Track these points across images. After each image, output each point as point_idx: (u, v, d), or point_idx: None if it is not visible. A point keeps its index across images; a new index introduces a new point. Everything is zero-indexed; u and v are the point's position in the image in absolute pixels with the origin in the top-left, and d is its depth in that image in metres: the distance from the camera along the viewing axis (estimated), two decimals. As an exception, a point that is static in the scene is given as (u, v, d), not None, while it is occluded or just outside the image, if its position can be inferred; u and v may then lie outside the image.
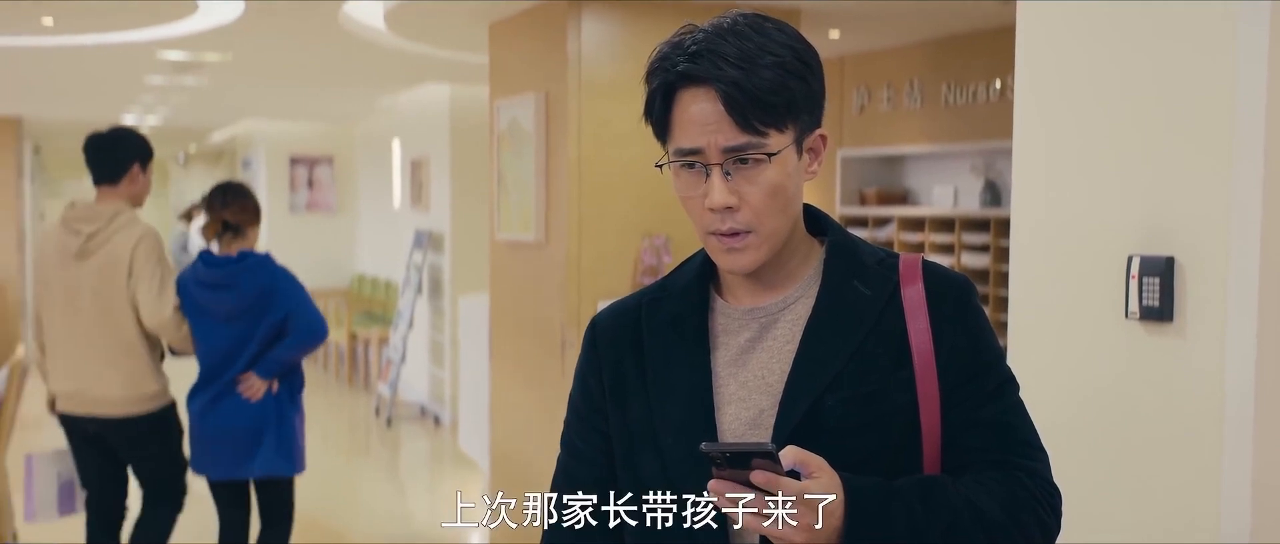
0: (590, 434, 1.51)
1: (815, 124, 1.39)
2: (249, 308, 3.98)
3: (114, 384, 3.96)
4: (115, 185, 4.01)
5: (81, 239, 3.91)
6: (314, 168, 12.81)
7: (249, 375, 4.00)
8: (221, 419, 4.03)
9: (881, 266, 1.43)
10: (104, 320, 3.93)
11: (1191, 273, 1.98)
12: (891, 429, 1.37)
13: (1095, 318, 2.15)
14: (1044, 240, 2.26)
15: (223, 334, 3.99)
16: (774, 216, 1.36)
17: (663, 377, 1.44)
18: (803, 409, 1.36)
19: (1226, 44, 1.92)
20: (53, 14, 6.03)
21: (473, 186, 8.46)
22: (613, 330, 1.51)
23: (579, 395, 1.54)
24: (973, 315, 1.43)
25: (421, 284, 9.03)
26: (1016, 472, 1.39)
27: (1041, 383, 2.25)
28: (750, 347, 1.42)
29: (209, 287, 3.98)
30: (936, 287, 1.41)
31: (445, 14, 5.72)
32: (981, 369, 1.41)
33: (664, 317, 1.47)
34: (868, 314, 1.39)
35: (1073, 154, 2.20)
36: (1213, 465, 1.94)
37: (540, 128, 5.17)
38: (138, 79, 8.70)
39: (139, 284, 3.91)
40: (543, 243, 5.24)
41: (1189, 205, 1.99)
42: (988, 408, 1.40)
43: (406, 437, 8.61)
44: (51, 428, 8.23)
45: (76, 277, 3.93)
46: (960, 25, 6.06)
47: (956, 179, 6.62)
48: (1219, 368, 1.93)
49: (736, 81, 1.31)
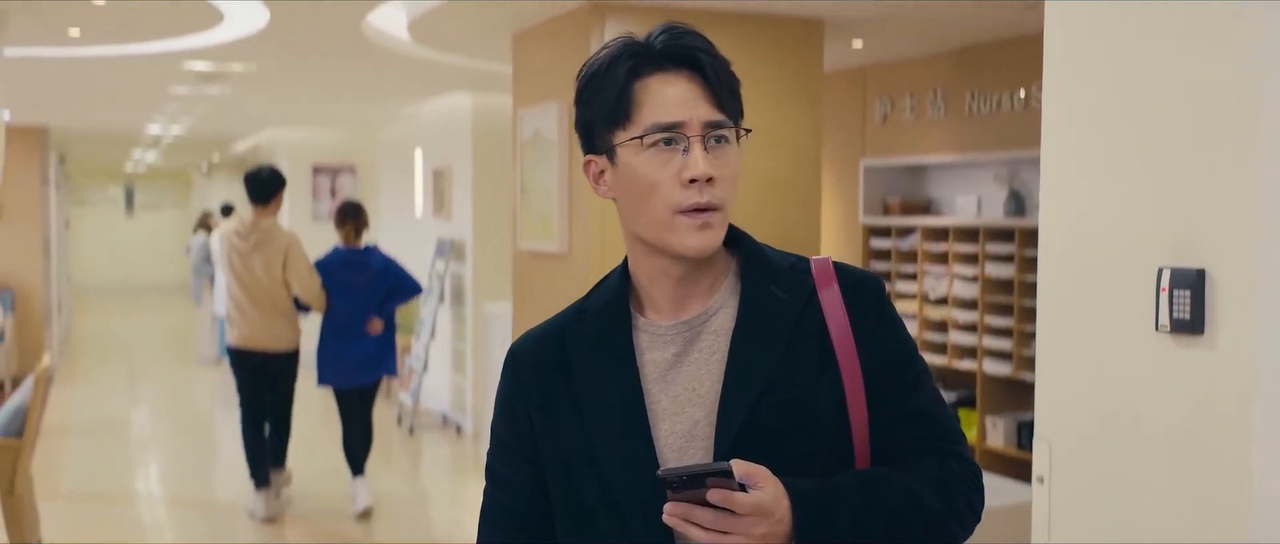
0: (518, 464, 1.50)
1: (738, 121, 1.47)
2: (372, 279, 6.40)
3: (274, 332, 6.25)
4: (267, 206, 6.21)
5: (251, 243, 6.15)
6: (336, 177, 12.86)
7: (374, 319, 6.43)
8: (357, 347, 6.41)
9: (794, 271, 1.46)
10: (270, 293, 6.20)
11: (1223, 285, 1.96)
12: (823, 429, 1.41)
13: (1125, 330, 2.12)
14: (1073, 251, 2.24)
15: (358, 295, 6.37)
16: (732, 201, 1.41)
17: (594, 397, 1.44)
18: (740, 418, 1.38)
19: (1258, 52, 1.89)
20: (80, 25, 6.07)
21: (495, 195, 8.47)
22: (535, 355, 1.51)
23: (504, 424, 1.53)
24: (888, 310, 1.48)
25: (444, 293, 9.04)
26: (946, 459, 1.45)
27: (1070, 394, 2.23)
28: (677, 361, 1.44)
29: (351, 266, 6.40)
30: (852, 286, 1.46)
31: (468, 23, 5.74)
32: (902, 363, 1.47)
33: (588, 337, 1.47)
34: (787, 318, 1.43)
35: (1101, 163, 2.18)
36: (1243, 480, 1.92)
37: (563, 137, 5.17)
38: (163, 89, 8.75)
39: (293, 269, 6.17)
40: (565, 252, 5.23)
41: (1220, 217, 1.96)
42: (912, 398, 1.46)
43: (428, 445, 8.62)
44: (76, 435, 8.26)
45: (251, 266, 6.17)
46: (984, 34, 6.03)
47: (980, 189, 6.59)
48: (1251, 381, 1.91)
49: (716, 66, 1.40)
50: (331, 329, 6.39)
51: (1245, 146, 1.92)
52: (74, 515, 6.60)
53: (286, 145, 12.81)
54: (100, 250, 23.48)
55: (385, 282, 6.45)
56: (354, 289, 6.35)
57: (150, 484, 7.55)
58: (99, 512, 6.79)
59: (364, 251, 6.45)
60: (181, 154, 17.99)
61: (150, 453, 8.51)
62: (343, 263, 6.38)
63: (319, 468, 7.40)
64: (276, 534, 6.28)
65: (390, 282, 6.47)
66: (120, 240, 24.14)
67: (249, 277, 6.17)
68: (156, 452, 8.58)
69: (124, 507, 6.91)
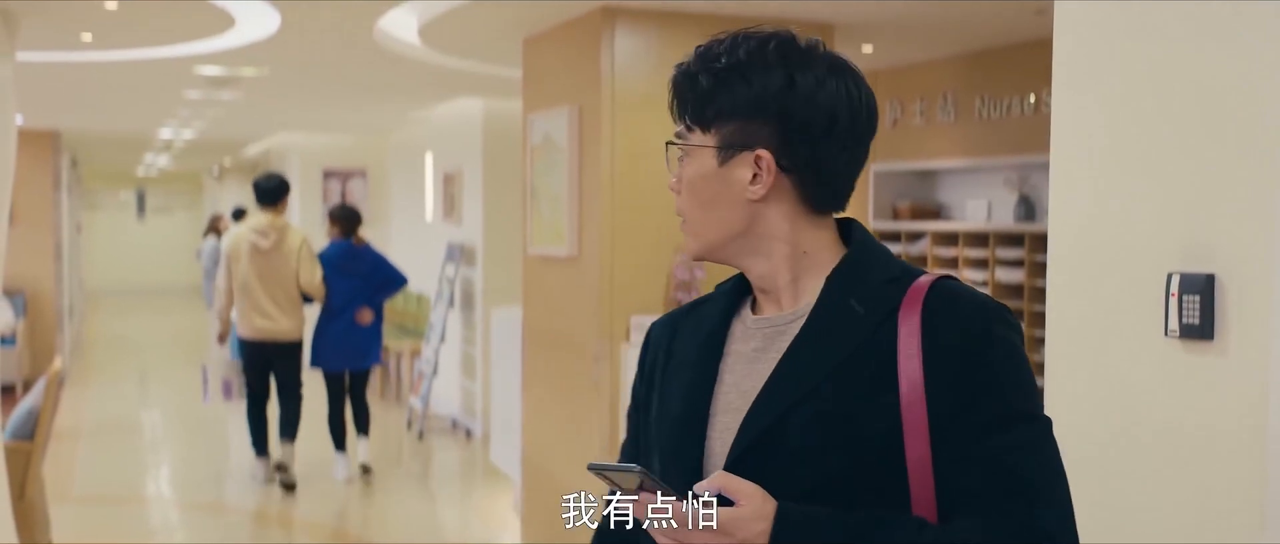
0: (633, 426, 1.58)
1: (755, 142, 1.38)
2: (364, 272, 7.28)
3: (285, 323, 7.02)
4: (275, 207, 7.03)
5: (271, 241, 6.94)
6: (347, 181, 12.89)
7: (364, 309, 7.26)
8: (349, 334, 7.25)
9: (890, 286, 1.38)
10: (282, 287, 6.98)
11: (1232, 291, 1.96)
12: (861, 454, 1.30)
13: (1134, 335, 2.12)
14: (1082, 256, 2.24)
15: (351, 287, 7.22)
16: (695, 212, 1.42)
17: (676, 377, 1.48)
18: (761, 426, 1.35)
19: (1267, 57, 1.89)
20: (92, 30, 6.09)
21: (505, 200, 8.48)
22: (660, 328, 1.57)
23: (637, 381, 1.60)
24: (984, 343, 1.32)
25: (453, 297, 9.05)
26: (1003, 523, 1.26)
27: (1078, 400, 2.22)
28: (756, 357, 1.42)
29: (346, 259, 7.27)
30: (942, 310, 1.33)
31: (478, 28, 5.75)
32: (983, 399, 1.30)
33: (696, 319, 1.52)
34: (855, 333, 1.35)
35: (1111, 168, 2.18)
36: (1255, 486, 1.91)
37: (573, 141, 5.18)
38: (175, 94, 8.78)
39: (303, 266, 6.98)
40: (575, 257, 5.24)
41: (1229, 222, 1.96)
42: (987, 442, 1.29)
43: (438, 449, 8.63)
44: (87, 438, 8.27)
45: (264, 262, 6.93)
46: (994, 39, 6.02)
47: (990, 193, 6.57)
48: (1261, 387, 1.90)
49: (686, 72, 1.41)
50: (326, 315, 7.23)
51: (1254, 152, 1.92)
52: (85, 518, 6.63)
53: (298, 149, 12.84)
54: (112, 254, 23.55)
55: (376, 276, 7.37)
56: (347, 275, 7.27)
57: (161, 487, 7.57)
58: (110, 514, 6.81)
59: (359, 248, 7.41)
60: (193, 158, 18.04)
61: (161, 456, 8.54)
62: (340, 254, 7.32)
63: (323, 457, 7.42)
64: (283, 534, 6.30)
65: (380, 276, 7.39)
66: (132, 244, 24.22)
67: (269, 271, 6.92)
68: (167, 454, 8.61)
69: (135, 509, 6.93)
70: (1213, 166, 1.99)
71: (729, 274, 1.52)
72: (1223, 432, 1.97)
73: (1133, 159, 2.13)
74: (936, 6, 5.19)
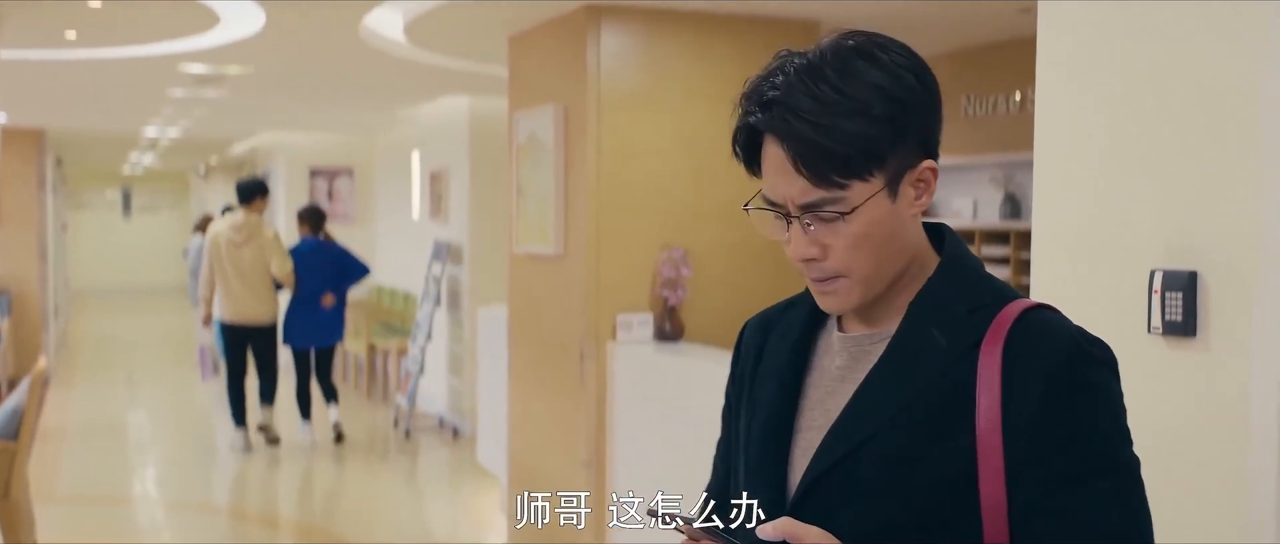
0: (726, 427, 1.53)
1: (916, 159, 1.28)
2: (329, 264, 8.34)
3: (260, 308, 8.04)
4: (250, 206, 8.00)
5: (243, 235, 7.93)
6: (334, 179, 12.86)
7: (329, 295, 8.32)
8: (316, 317, 8.33)
9: (974, 315, 1.28)
10: (256, 278, 7.99)
11: (1214, 287, 1.96)
12: (933, 494, 1.24)
13: (1117, 332, 2.12)
14: (1066, 253, 2.24)
15: (318, 276, 8.26)
16: (865, 261, 1.28)
17: (762, 386, 1.42)
18: (834, 457, 1.29)
19: (1250, 54, 1.90)
20: (76, 27, 6.07)
21: (492, 198, 8.47)
22: (752, 330, 1.50)
23: (729, 383, 1.53)
24: (1067, 389, 1.24)
25: (440, 296, 9.04)
26: None
27: (1063, 397, 2.23)
28: (841, 376, 1.36)
29: (314, 254, 8.29)
30: (1026, 350, 1.24)
31: (464, 26, 5.74)
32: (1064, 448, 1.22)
33: (784, 326, 1.44)
34: (933, 367, 1.27)
35: (1094, 166, 2.18)
36: (1237, 483, 1.92)
37: (559, 140, 5.17)
38: (160, 92, 8.75)
39: (273, 257, 7.97)
40: (561, 255, 5.23)
41: (1212, 219, 1.97)
42: (1062, 495, 1.21)
43: (425, 448, 8.62)
44: (72, 438, 8.27)
45: (241, 255, 7.94)
46: (980, 37, 6.04)
47: (976, 191, 6.59)
48: (1243, 384, 1.91)
49: (807, 138, 1.22)
50: (296, 302, 8.31)
51: (1237, 149, 1.92)
52: (70, 519, 6.60)
53: (284, 148, 12.81)
54: (97, 253, 23.46)
55: (340, 266, 8.45)
56: (315, 268, 8.28)
57: (147, 487, 7.55)
58: (95, 515, 6.79)
59: (325, 243, 8.44)
60: (179, 157, 17.98)
61: (147, 456, 8.51)
62: (310, 250, 8.32)
63: (322, 457, 7.40)
64: (269, 534, 6.29)
65: (343, 266, 8.47)
66: (117, 243, 24.13)
67: (242, 263, 7.96)
68: (154, 454, 8.58)
69: (121, 510, 6.90)
70: (1195, 164, 2.00)
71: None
72: (1205, 428, 1.98)
73: (1116, 156, 2.14)
74: (922, 5, 5.20)
